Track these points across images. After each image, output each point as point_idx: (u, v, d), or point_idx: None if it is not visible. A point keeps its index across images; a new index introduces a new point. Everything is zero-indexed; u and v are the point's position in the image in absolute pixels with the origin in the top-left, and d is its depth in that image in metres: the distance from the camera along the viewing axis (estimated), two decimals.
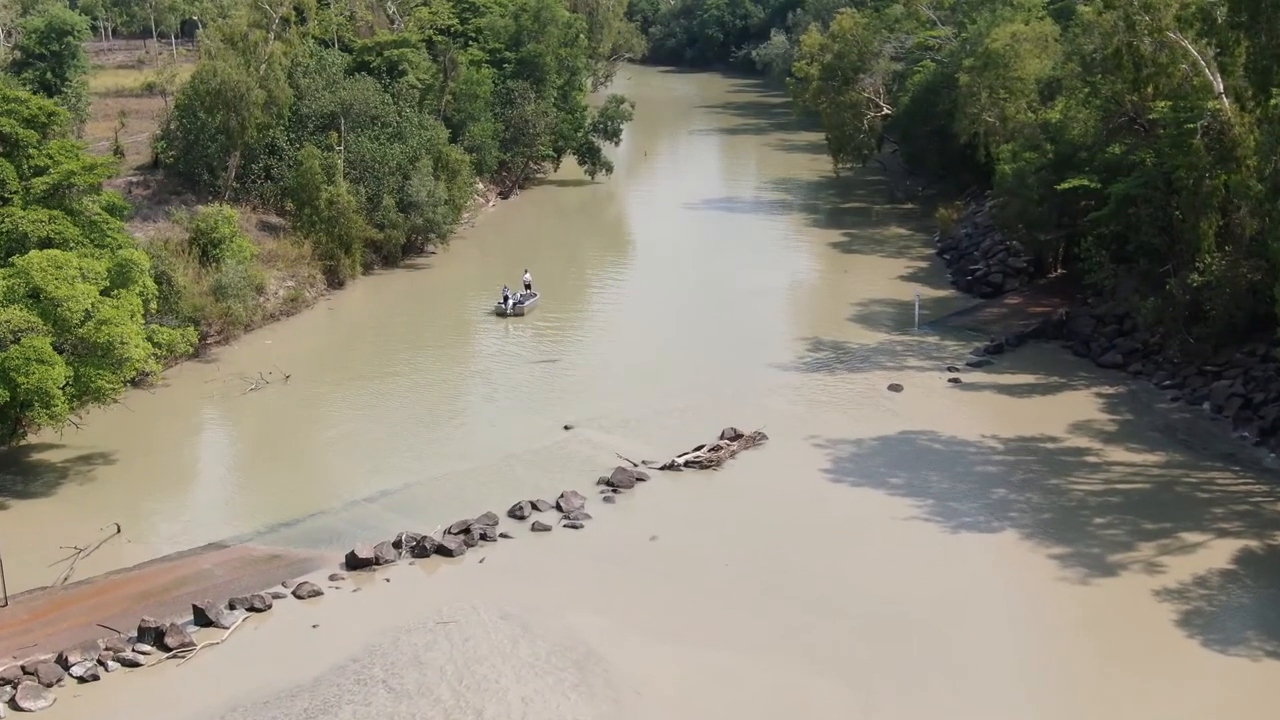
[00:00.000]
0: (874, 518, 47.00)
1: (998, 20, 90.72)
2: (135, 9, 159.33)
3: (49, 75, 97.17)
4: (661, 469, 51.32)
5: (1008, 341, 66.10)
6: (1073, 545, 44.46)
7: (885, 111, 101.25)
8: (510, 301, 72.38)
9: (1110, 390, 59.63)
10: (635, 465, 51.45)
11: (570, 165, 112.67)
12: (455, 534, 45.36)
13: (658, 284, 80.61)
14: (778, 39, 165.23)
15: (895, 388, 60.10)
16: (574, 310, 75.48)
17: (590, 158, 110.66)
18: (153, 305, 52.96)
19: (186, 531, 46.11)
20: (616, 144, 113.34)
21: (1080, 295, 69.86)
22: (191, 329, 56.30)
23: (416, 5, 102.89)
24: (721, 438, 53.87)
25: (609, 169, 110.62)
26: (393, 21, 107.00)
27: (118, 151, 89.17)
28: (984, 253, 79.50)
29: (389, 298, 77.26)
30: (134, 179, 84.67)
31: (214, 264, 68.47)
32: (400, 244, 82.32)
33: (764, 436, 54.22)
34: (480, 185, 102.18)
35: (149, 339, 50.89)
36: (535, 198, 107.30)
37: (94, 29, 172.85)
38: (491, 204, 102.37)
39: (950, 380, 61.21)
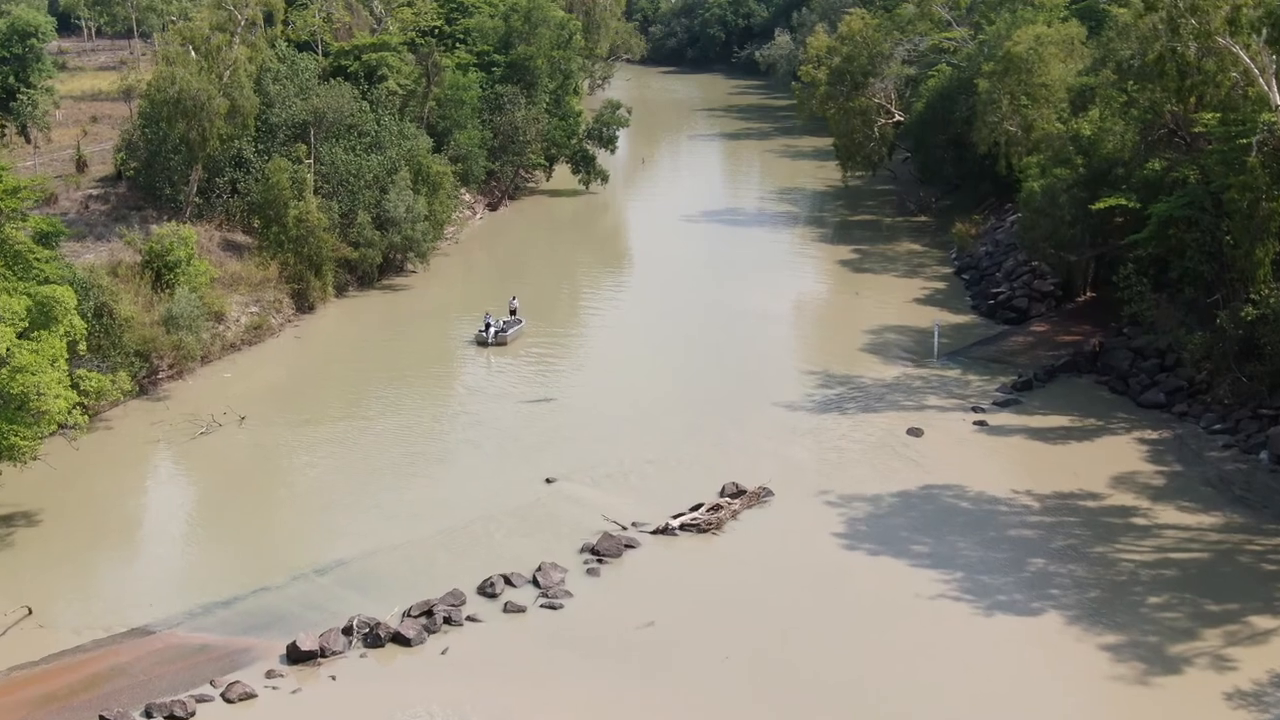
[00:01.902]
0: (897, 596, 41.07)
1: (1018, 21, 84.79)
2: (117, 9, 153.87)
3: (12, 79, 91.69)
4: (654, 533, 45.38)
5: (1036, 376, 60.16)
6: (1126, 633, 38.54)
7: (897, 118, 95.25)
8: (492, 330, 66.41)
9: (1154, 435, 53.68)
10: (624, 529, 45.56)
11: (563, 174, 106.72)
12: (415, 617, 39.49)
13: (654, 306, 74.70)
14: (782, 39, 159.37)
15: (915, 432, 54.17)
16: (562, 337, 69.51)
17: (584, 166, 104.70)
18: (81, 347, 46.98)
19: (108, 613, 40.15)
20: (612, 152, 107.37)
21: (1115, 323, 63.98)
22: (124, 374, 50.50)
23: (399, 5, 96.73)
24: (722, 494, 47.99)
25: (604, 178, 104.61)
26: (379, 21, 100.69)
27: (80, 162, 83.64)
28: (1007, 274, 73.46)
29: (362, 323, 71.29)
30: (94, 192, 79.01)
31: (168, 290, 62.67)
32: (376, 264, 76.38)
33: (769, 492, 48.29)
34: (467, 196, 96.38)
35: (74, 386, 44.99)
36: (526, 209, 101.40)
37: (77, 29, 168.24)
38: (479, 216, 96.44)
39: (976, 423, 55.26)
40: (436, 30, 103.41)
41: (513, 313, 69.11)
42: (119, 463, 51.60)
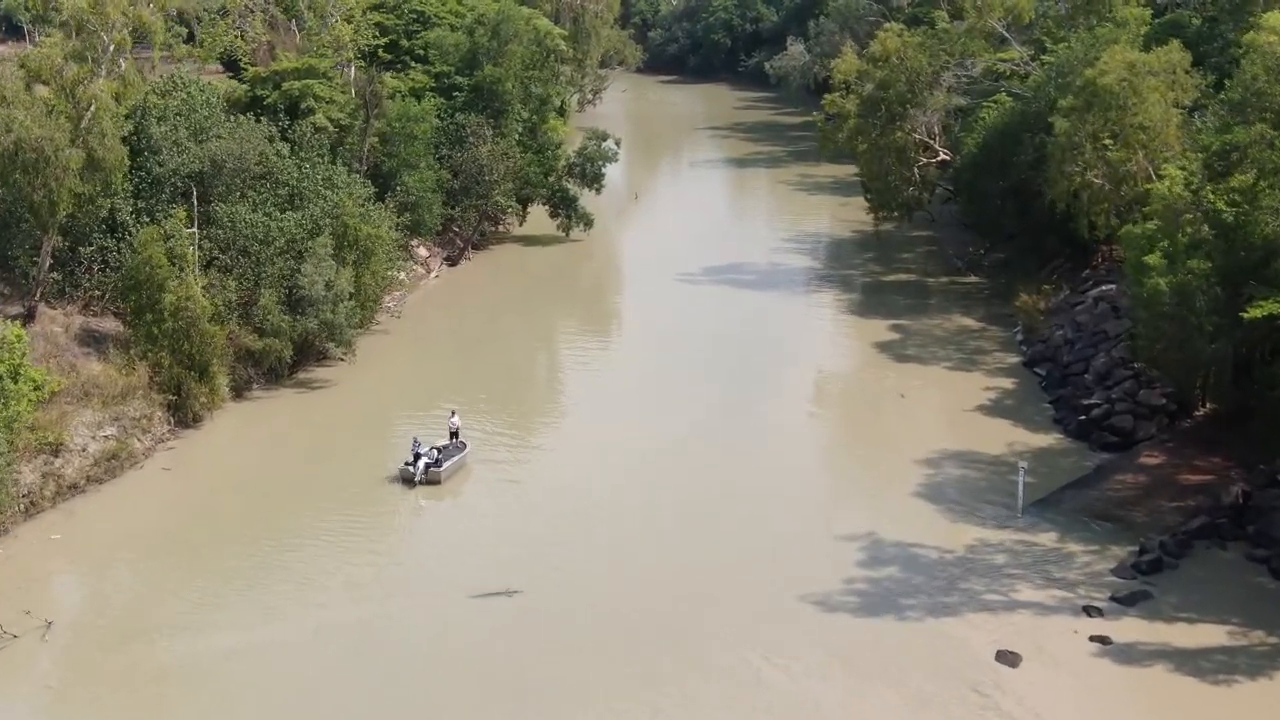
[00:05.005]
0: None
1: (1097, 42, 67.92)
2: (53, 13, 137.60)
3: None
4: None
5: (1165, 549, 43.42)
6: None
7: (942, 157, 78.38)
8: (422, 463, 49.67)
9: None
10: None
11: (540, 215, 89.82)
12: None
13: (642, 414, 57.34)
14: (795, 49, 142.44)
15: (1008, 659, 37.50)
16: (519, 465, 52.74)
17: (564, 208, 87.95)
18: None
19: None
20: (597, 191, 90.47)
21: (1254, 456, 47.52)
22: None
23: (337, 20, 79.21)
24: None
25: (587, 223, 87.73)
26: (324, 22, 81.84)
27: None
28: (1099, 377, 56.48)
29: (257, 444, 54.45)
30: None
31: None
32: (287, 356, 59.62)
33: None
34: (421, 250, 79.81)
35: None
36: (493, 261, 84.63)
37: (19, 32, 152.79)
38: (434, 274, 79.71)
39: (1094, 639, 38.49)
40: (387, 46, 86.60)
41: (453, 434, 52.38)
42: None
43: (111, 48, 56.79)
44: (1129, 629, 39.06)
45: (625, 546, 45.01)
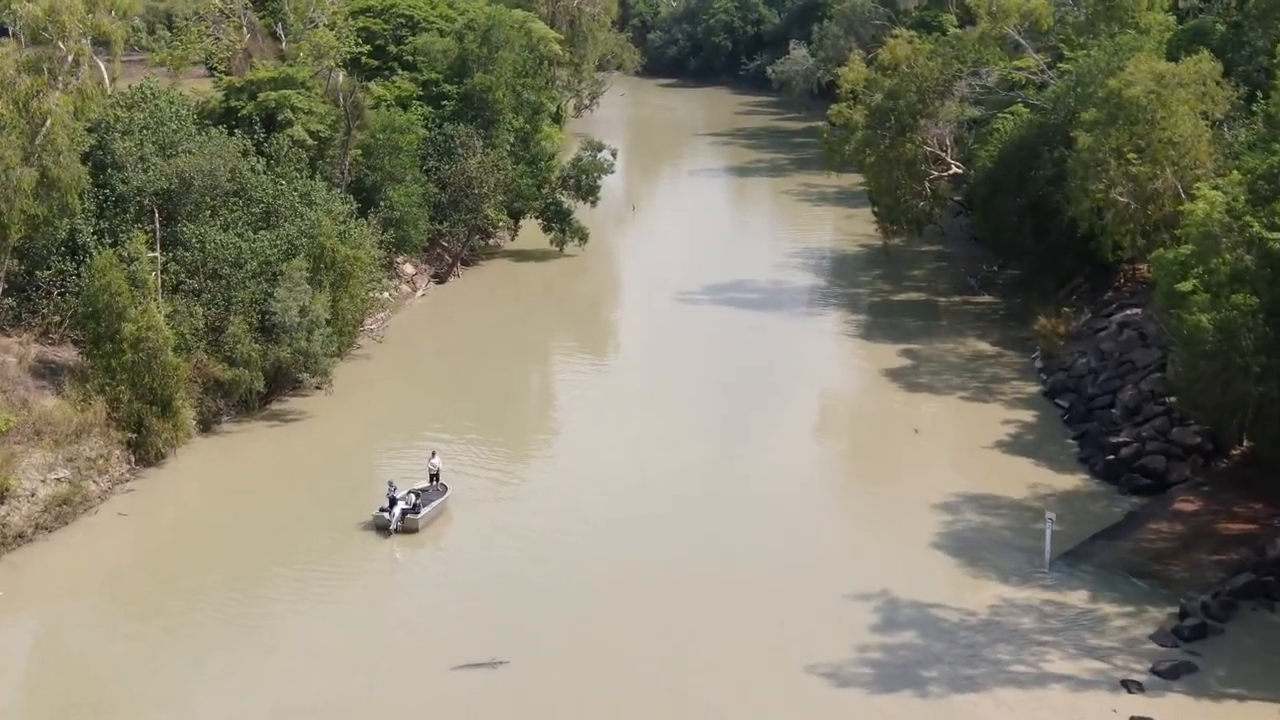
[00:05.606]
0: None
1: (1120, 50, 64.21)
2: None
3: None
4: None
5: (1208, 611, 39.69)
6: None
7: (954, 169, 74.56)
8: (399, 509, 45.87)
9: None
10: None
11: (533, 229, 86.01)
12: None
13: (633, 446, 53.67)
14: (797, 53, 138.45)
15: None
16: (504, 500, 49.16)
17: (558, 222, 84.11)
18: None
19: None
20: (593, 204, 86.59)
21: None
22: None
23: (318, 26, 75.26)
24: None
25: (582, 237, 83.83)
26: (311, 23, 77.57)
27: None
28: (1128, 412, 52.66)
29: (224, 485, 50.64)
30: None
31: None
32: (258, 387, 55.80)
33: None
34: (407, 267, 76.08)
35: None
36: (483, 278, 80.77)
37: (4, 31, 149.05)
38: (421, 292, 75.91)
39: None
40: (373, 52, 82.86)
41: (434, 477, 48.59)
42: None
43: (69, 58, 52.94)
44: (1173, 708, 35.31)
45: (619, 605, 41.25)
